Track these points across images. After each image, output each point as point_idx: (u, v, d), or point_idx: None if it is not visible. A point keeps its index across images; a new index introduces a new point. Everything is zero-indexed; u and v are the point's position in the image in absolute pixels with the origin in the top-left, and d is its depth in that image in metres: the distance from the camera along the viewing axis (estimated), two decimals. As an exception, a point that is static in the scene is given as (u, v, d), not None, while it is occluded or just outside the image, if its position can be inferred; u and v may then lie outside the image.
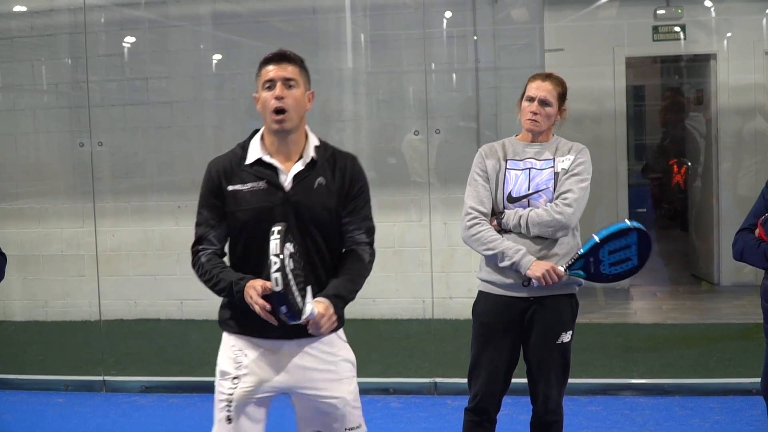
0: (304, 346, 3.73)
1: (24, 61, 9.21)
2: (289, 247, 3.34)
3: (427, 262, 7.91)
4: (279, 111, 3.58)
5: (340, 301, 3.67)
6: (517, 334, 4.46)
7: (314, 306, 3.48)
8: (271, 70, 3.60)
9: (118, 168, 9.14)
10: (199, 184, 3.71)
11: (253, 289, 3.44)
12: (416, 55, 8.33)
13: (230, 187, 3.60)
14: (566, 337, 4.43)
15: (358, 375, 4.21)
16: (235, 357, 3.72)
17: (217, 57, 9.13)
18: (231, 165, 3.64)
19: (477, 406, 4.52)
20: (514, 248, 4.28)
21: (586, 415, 6.14)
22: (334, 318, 3.61)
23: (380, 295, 8.64)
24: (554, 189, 4.32)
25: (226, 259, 3.79)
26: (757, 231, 4.08)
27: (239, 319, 3.68)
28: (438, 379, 6.84)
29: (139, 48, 9.17)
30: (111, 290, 8.54)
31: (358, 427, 3.86)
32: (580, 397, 6.35)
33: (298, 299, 3.35)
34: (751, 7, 9.29)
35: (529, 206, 4.32)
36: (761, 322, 4.22)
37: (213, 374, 5.57)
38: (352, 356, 3.98)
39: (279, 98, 3.57)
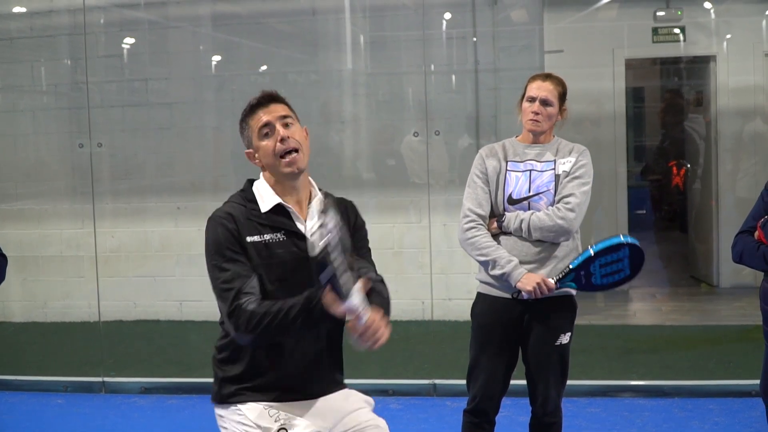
0: (330, 399, 3.58)
1: (23, 62, 9.21)
2: (335, 217, 3.01)
3: (427, 264, 7.92)
4: (290, 152, 3.32)
5: (387, 319, 3.39)
6: (516, 335, 4.46)
7: (366, 306, 3.19)
8: (265, 115, 3.35)
9: (118, 169, 9.13)
10: (198, 185, 3.69)
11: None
12: (416, 57, 8.35)
13: (249, 239, 3.31)
14: (565, 338, 4.43)
15: (357, 376, 4.23)
16: (267, 413, 3.39)
17: (216, 58, 9.13)
18: (240, 215, 3.35)
19: (476, 407, 4.52)
20: (506, 258, 4.28)
21: (585, 416, 6.14)
22: (386, 331, 3.35)
23: (380, 297, 8.64)
24: (555, 191, 4.32)
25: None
26: (756, 233, 4.07)
27: (259, 384, 3.41)
28: (437, 381, 6.85)
29: (138, 49, 9.18)
30: (110, 291, 8.54)
31: None
32: (580, 398, 6.35)
33: (344, 278, 3.01)
34: (750, 8, 9.30)
35: (529, 208, 4.31)
36: (761, 324, 4.22)
37: (212, 375, 5.53)
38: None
39: (283, 140, 3.32)
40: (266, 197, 3.38)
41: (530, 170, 4.38)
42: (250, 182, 3.48)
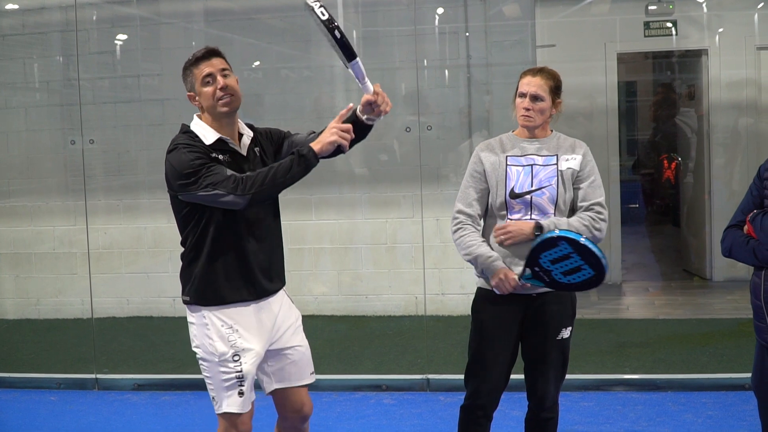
0: (277, 301, 4.26)
1: (16, 59, 9.22)
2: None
3: (420, 259, 7.92)
4: (227, 95, 4.01)
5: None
6: (517, 330, 4.46)
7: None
8: (208, 67, 4.04)
9: (110, 166, 9.14)
10: None
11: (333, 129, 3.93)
12: (408, 52, 8.36)
13: (211, 155, 3.98)
14: (566, 333, 4.44)
15: (351, 371, 4.27)
16: (228, 336, 4.07)
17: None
18: (197, 142, 4.03)
19: (474, 403, 4.50)
20: (486, 254, 4.32)
21: (578, 410, 6.15)
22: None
23: (373, 292, 8.66)
24: (557, 186, 4.31)
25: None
26: (745, 227, 4.07)
27: (226, 291, 4.07)
28: (431, 376, 6.84)
29: (130, 45, 9.16)
30: (103, 288, 8.59)
31: (313, 373, 4.41)
32: (573, 392, 6.37)
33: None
34: (742, 2, 9.32)
35: (531, 202, 4.31)
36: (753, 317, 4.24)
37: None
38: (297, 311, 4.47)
39: (223, 87, 4.01)
40: (207, 134, 4.05)
41: (532, 165, 4.37)
42: (186, 126, 4.15)
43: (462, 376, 4.59)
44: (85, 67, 8.57)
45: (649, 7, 9.22)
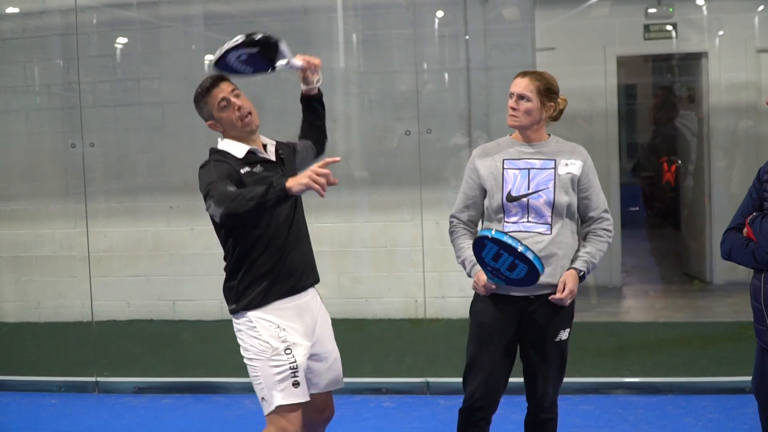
0: (314, 301, 4.43)
1: (16, 63, 9.24)
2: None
3: (419, 262, 7.92)
4: (247, 115, 4.18)
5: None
6: (516, 332, 4.47)
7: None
8: (219, 92, 4.19)
9: (110, 169, 9.14)
10: (191, 184, 3.90)
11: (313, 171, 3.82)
12: (408, 55, 8.36)
13: (243, 170, 4.12)
14: (564, 334, 4.46)
15: (351, 374, 4.30)
16: (277, 334, 4.18)
17: (208, 58, 9.05)
18: (228, 160, 4.14)
19: (473, 405, 4.50)
20: (469, 258, 4.42)
21: (578, 414, 6.16)
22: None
23: (372, 295, 8.66)
24: (554, 190, 4.33)
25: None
26: (744, 230, 4.06)
27: (264, 289, 4.19)
28: (430, 379, 6.85)
29: (130, 49, 9.17)
30: (103, 291, 8.56)
31: (342, 379, 4.63)
32: (573, 396, 6.35)
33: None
34: (742, 5, 9.30)
35: (528, 205, 4.32)
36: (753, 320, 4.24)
37: (205, 374, 5.57)
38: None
39: (240, 108, 4.17)
40: (237, 149, 4.19)
41: (529, 168, 4.38)
42: (214, 148, 4.27)
43: (461, 379, 4.58)
44: (85, 71, 8.54)
45: (649, 10, 9.24)
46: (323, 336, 4.43)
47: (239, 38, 4.13)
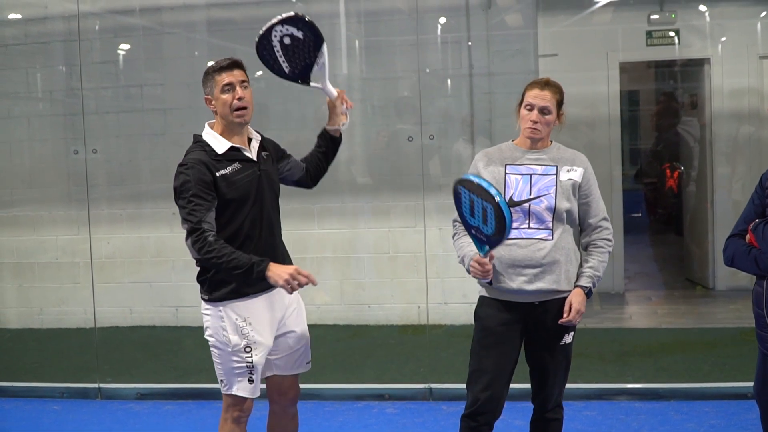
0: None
1: (18, 69, 9.25)
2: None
3: (422, 268, 7.93)
4: (242, 108, 4.34)
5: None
6: (520, 338, 4.50)
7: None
8: (229, 77, 4.39)
9: (113, 175, 9.15)
10: None
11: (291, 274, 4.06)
12: (410, 61, 8.35)
13: (218, 173, 4.24)
14: (569, 338, 4.50)
15: (353, 381, 4.33)
16: (241, 329, 4.34)
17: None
18: (206, 158, 4.28)
19: (477, 410, 4.49)
20: (469, 254, 4.42)
21: (581, 420, 6.17)
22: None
23: (375, 301, 8.66)
24: (556, 196, 4.35)
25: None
26: (747, 237, 4.08)
27: (240, 286, 4.31)
28: (433, 385, 6.85)
29: (133, 55, 9.19)
30: (106, 297, 8.60)
31: (310, 361, 4.73)
32: (576, 402, 6.37)
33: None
34: (745, 11, 9.33)
35: (530, 210, 4.35)
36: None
37: (208, 381, 5.56)
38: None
39: (240, 98, 4.34)
40: (218, 143, 4.34)
41: (531, 174, 4.41)
42: (198, 135, 4.45)
43: (464, 385, 4.59)
44: (87, 77, 8.60)
45: (652, 17, 9.24)
46: (291, 320, 4.57)
47: (291, 13, 4.37)
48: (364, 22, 8.82)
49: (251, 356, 4.36)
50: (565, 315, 4.39)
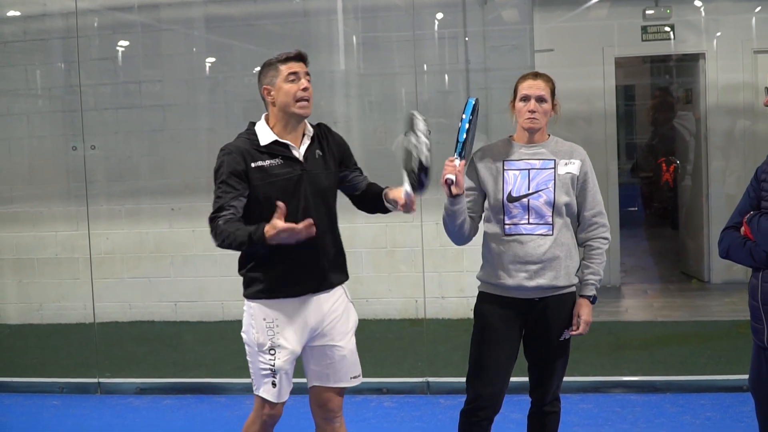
0: (329, 299, 4.46)
1: (17, 66, 9.27)
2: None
3: (420, 263, 7.94)
4: (306, 99, 4.24)
5: None
6: (519, 333, 4.52)
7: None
8: (296, 66, 4.24)
9: (112, 171, 9.17)
10: (192, 186, 3.94)
11: (273, 226, 3.91)
12: (407, 57, 8.37)
13: (254, 164, 4.20)
14: (567, 334, 4.50)
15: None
16: (267, 330, 4.29)
17: (210, 60, 9.16)
18: (248, 147, 4.24)
19: (478, 406, 4.52)
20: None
21: (577, 412, 6.18)
22: None
23: (373, 296, 8.68)
24: (554, 190, 4.36)
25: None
26: (742, 229, 4.08)
27: (272, 285, 4.25)
28: (431, 379, 6.87)
29: (131, 52, 9.21)
30: (105, 293, 8.62)
31: (358, 376, 4.60)
32: (572, 395, 6.36)
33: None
34: (739, 6, 9.33)
35: (528, 205, 4.36)
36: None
37: (207, 375, 5.59)
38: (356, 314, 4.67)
39: (305, 89, 4.23)
40: (265, 135, 4.26)
41: (529, 169, 4.41)
42: (252, 123, 4.35)
43: (462, 379, 4.61)
44: (86, 74, 8.58)
45: (647, 12, 9.25)
46: (332, 330, 4.46)
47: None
48: (362, 18, 8.84)
49: (274, 359, 4.30)
50: (573, 328, 4.45)
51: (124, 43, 9.14)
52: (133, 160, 9.25)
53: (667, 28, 9.30)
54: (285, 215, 3.96)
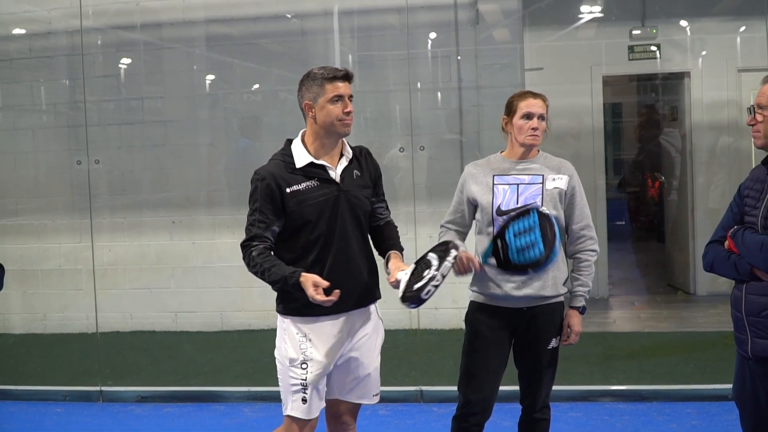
0: (361, 316, 4.41)
1: (23, 83, 9.31)
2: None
3: (414, 275, 7.99)
4: (348, 120, 4.19)
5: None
6: (509, 341, 4.64)
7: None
8: (341, 87, 4.18)
9: (115, 185, 9.20)
10: (193, 200, 4.00)
11: (312, 286, 3.97)
12: (402, 75, 8.40)
13: (289, 189, 4.15)
14: (555, 342, 4.62)
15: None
16: (300, 344, 4.26)
17: (210, 77, 9.22)
18: (282, 171, 4.19)
19: (468, 412, 4.62)
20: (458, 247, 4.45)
21: (567, 421, 6.28)
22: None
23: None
24: (542, 204, 4.44)
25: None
26: (726, 243, 4.10)
27: (308, 303, 4.04)
28: (424, 388, 6.97)
29: (134, 69, 9.26)
30: (108, 303, 8.66)
31: (378, 394, 4.55)
32: (561, 403, 6.43)
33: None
34: (724, 26, 9.46)
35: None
36: (734, 330, 4.32)
37: (206, 384, 5.65)
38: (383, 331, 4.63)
39: (348, 113, 4.18)
40: (301, 156, 4.21)
41: (518, 184, 4.52)
42: (289, 141, 4.30)
43: (454, 388, 4.71)
44: (90, 90, 8.70)
45: (634, 32, 9.37)
46: (360, 347, 4.41)
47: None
48: (357, 37, 8.90)
49: (306, 373, 4.23)
50: (564, 338, 4.60)
51: (127, 60, 9.20)
52: (135, 174, 9.27)
53: (654, 48, 9.42)
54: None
